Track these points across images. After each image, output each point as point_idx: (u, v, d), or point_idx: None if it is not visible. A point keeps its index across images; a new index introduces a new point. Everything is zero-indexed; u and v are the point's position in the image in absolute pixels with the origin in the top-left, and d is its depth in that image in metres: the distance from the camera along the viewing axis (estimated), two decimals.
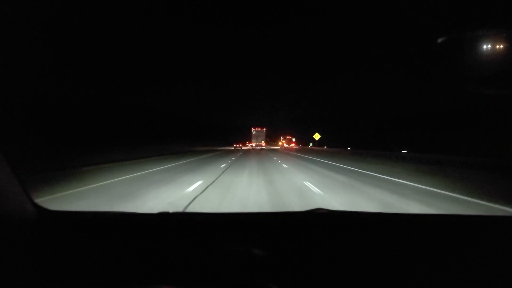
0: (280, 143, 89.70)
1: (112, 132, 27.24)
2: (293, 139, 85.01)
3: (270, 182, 9.56)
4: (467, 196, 7.27)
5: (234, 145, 70.54)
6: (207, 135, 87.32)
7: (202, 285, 1.12)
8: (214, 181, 9.92)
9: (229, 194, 7.34)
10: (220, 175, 11.68)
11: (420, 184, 9.27)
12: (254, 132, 68.89)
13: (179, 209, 5.82)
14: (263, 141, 67.96)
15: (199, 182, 9.40)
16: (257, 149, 58.12)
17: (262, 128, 69.11)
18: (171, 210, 1.87)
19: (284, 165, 17.05)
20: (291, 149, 57.62)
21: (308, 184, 9.17)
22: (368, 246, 1.38)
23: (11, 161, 1.30)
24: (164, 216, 1.69)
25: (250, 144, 69.78)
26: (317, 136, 53.12)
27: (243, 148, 65.32)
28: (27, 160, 12.17)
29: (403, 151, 27.14)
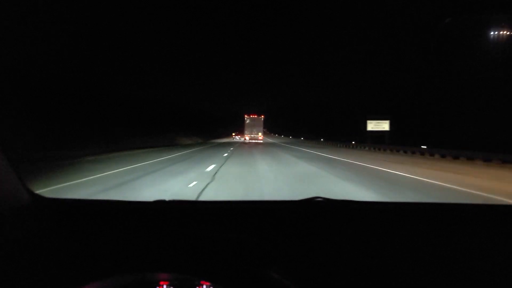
0: None
1: (94, 123, 25.98)
2: None
3: None
4: None
5: (233, 135, 69.13)
6: (209, 125, 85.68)
7: (198, 273, 1.12)
8: None
9: None
10: None
11: None
12: (248, 121, 49.11)
13: None
14: (260, 133, 49.10)
15: None
16: (252, 143, 43.72)
17: (259, 115, 49.69)
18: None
19: None
20: None
21: None
22: (366, 235, 1.40)
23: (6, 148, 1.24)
24: (160, 204, 1.68)
25: (244, 136, 51.07)
26: None
27: (234, 140, 59.98)
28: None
29: (422, 147, 22.65)
